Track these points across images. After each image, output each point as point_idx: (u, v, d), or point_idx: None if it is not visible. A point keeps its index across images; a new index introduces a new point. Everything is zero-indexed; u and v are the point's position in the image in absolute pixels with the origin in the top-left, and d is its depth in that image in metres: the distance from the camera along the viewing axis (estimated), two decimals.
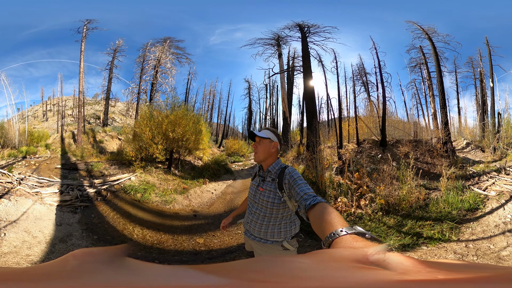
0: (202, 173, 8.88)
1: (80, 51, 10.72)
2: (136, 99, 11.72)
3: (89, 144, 10.38)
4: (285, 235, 1.98)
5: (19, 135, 9.21)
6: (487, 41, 9.33)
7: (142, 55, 11.81)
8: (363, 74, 11.19)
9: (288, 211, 1.94)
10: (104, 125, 11.95)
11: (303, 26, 10.37)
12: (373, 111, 10.80)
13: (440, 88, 9.39)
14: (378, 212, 5.03)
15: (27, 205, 4.97)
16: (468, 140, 9.62)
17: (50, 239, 4.18)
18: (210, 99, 14.51)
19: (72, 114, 12.27)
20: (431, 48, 9.63)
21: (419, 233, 4.26)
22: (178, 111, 8.47)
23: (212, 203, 7.04)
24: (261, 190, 1.97)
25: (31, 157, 8.56)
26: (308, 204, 1.28)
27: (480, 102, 9.95)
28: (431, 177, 6.88)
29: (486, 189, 5.61)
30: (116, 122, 12.60)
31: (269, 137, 1.96)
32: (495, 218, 4.49)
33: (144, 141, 7.91)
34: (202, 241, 4.73)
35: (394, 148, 9.01)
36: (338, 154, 9.30)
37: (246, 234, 2.13)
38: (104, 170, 7.64)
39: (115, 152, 9.52)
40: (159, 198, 6.42)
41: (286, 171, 1.82)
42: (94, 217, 5.20)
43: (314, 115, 9.95)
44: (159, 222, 5.40)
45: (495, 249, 3.72)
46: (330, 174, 6.52)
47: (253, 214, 2.03)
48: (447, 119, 9.11)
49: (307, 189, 1.55)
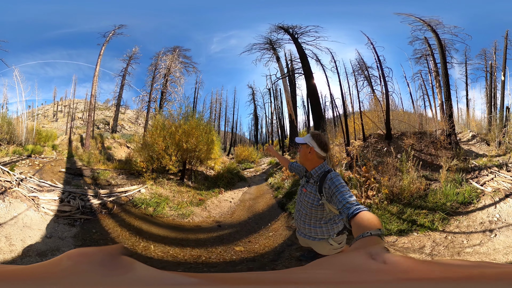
0: (216, 183, 8.61)
1: (99, 55, 10.70)
2: (146, 107, 11.62)
3: (97, 149, 9.99)
4: (328, 233, 2.07)
5: (27, 133, 8.93)
6: (507, 34, 9.12)
7: (154, 63, 11.82)
8: (364, 68, 11.04)
9: (327, 212, 2.00)
10: (113, 131, 11.79)
11: (287, 28, 10.26)
12: (378, 105, 10.66)
13: (444, 80, 9.19)
14: (384, 201, 5.33)
15: (20, 209, 4.41)
16: (474, 132, 9.44)
17: (27, 251, 3.57)
18: (217, 107, 14.57)
19: (82, 117, 12.10)
20: (435, 40, 9.44)
21: (414, 220, 4.52)
22: (192, 121, 8.12)
23: (233, 211, 6.79)
24: (304, 191, 2.08)
25: (36, 156, 8.16)
26: (351, 213, 1.35)
27: (489, 95, 9.80)
28: (434, 168, 6.93)
29: (484, 184, 5.51)
30: (125, 130, 12.46)
31: (306, 142, 2.02)
32: (483, 215, 4.48)
33: (156, 151, 7.44)
34: (242, 248, 4.46)
35: (399, 140, 8.98)
36: (346, 151, 9.44)
37: (298, 232, 2.30)
38: (111, 179, 7.05)
39: (123, 161, 9.11)
40: (174, 211, 5.82)
41: (328, 176, 1.85)
42: (95, 232, 4.53)
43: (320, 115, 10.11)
44: (181, 237, 4.82)
45: (465, 245, 3.82)
46: (340, 170, 6.94)
47: (299, 212, 2.17)
48: (451, 111, 8.90)
49: (349, 197, 1.58)
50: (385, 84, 10.23)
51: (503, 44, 9.21)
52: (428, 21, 9.40)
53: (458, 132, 9.47)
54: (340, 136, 10.70)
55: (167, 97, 11.67)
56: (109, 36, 10.49)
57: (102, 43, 10.46)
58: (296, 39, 10.35)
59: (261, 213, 6.44)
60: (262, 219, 6.01)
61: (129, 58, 11.67)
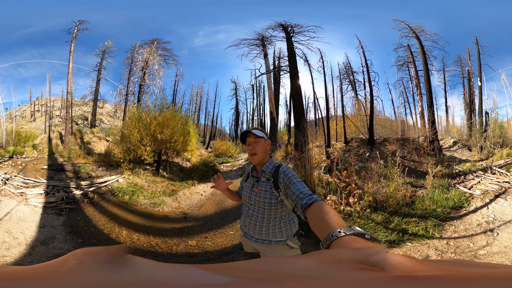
0: (190, 175, 8.89)
1: (70, 52, 10.71)
2: (124, 100, 11.74)
3: (77, 145, 10.31)
4: (287, 233, 1.95)
5: (7, 135, 9.15)
6: (476, 40, 9.42)
7: (130, 56, 11.85)
8: (350, 73, 11.27)
9: (286, 210, 1.92)
10: (92, 126, 11.90)
11: (286, 26, 10.44)
12: (360, 110, 10.82)
13: (427, 87, 9.41)
14: (366, 209, 5.12)
15: (11, 205, 4.95)
16: (455, 138, 9.67)
17: (30, 241, 4.17)
18: (197, 100, 14.58)
19: (60, 115, 12.20)
20: (419, 46, 9.67)
21: (404, 230, 4.34)
22: (167, 112, 8.49)
23: (202, 204, 7.02)
24: (256, 191, 1.93)
25: (18, 157, 8.50)
26: (305, 203, 1.29)
27: (468, 101, 10.00)
28: (418, 175, 6.95)
29: (472, 187, 5.67)
30: (104, 124, 12.55)
31: (263, 136, 1.93)
32: (478, 217, 4.57)
33: (132, 142, 7.91)
34: (194, 243, 4.73)
35: (381, 146, 9.09)
36: (326, 153, 9.33)
37: (246, 237, 2.06)
38: (92, 172, 7.61)
39: (103, 154, 9.48)
40: (147, 200, 6.40)
41: (281, 169, 1.81)
42: (79, 219, 5.20)
43: (302, 114, 9.97)
44: (149, 225, 5.38)
45: (474, 248, 3.79)
46: (318, 173, 6.59)
47: (250, 217, 1.98)
48: (434, 118, 9.13)
49: (302, 187, 1.55)
50: (371, 88, 10.32)
51: (475, 49, 9.41)
52: (414, 28, 9.61)
53: (440, 139, 9.50)
54: (320, 137, 10.72)
55: (145, 89, 11.80)
56: (74, 33, 10.50)
57: (70, 40, 10.53)
58: (290, 38, 10.42)
59: (229, 210, 6.52)
60: (229, 216, 6.14)
61: (103, 53, 11.69)
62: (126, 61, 11.86)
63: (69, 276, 0.36)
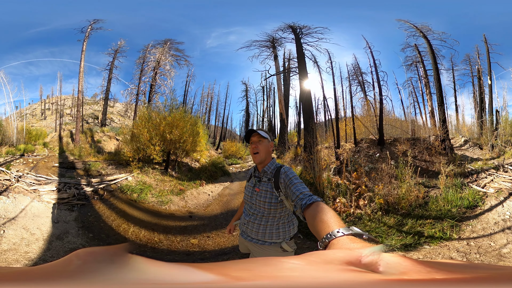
0: (199, 175, 8.94)
1: (81, 50, 10.81)
2: (135, 100, 11.78)
3: (87, 143, 10.44)
4: (284, 236, 1.96)
5: (17, 133, 9.25)
6: (485, 38, 9.29)
7: (142, 56, 11.86)
8: (358, 74, 11.18)
9: (285, 211, 1.93)
10: (102, 125, 11.98)
11: (295, 27, 10.47)
12: (370, 111, 10.77)
13: (437, 86, 9.36)
14: (377, 211, 4.98)
15: (25, 202, 5.04)
16: (466, 137, 9.61)
17: (47, 236, 4.26)
18: (208, 101, 14.56)
19: (70, 114, 12.31)
20: (427, 46, 9.60)
21: (420, 232, 4.21)
22: (176, 113, 8.56)
23: (208, 204, 7.09)
24: (257, 190, 1.97)
25: (29, 155, 8.62)
26: (304, 203, 1.28)
27: (478, 99, 9.87)
28: (430, 175, 6.83)
29: (485, 186, 5.60)
30: (114, 123, 12.63)
31: (268, 137, 1.98)
32: (494, 216, 4.49)
33: (142, 142, 7.99)
34: (196, 242, 4.80)
35: (392, 146, 9.00)
36: (335, 154, 9.21)
37: (243, 235, 2.10)
38: (102, 170, 7.71)
39: (113, 152, 9.57)
40: (155, 198, 6.50)
41: (282, 170, 1.84)
42: (90, 215, 5.28)
43: (311, 116, 9.94)
44: (155, 222, 5.49)
45: (496, 247, 3.73)
46: (328, 175, 6.46)
47: (250, 216, 2.02)
48: (445, 117, 9.07)
49: (302, 188, 1.57)
50: (380, 88, 10.27)
51: (484, 48, 9.28)
52: (420, 27, 9.52)
53: (451, 137, 9.37)
54: (330, 139, 10.69)
55: (156, 89, 11.80)
56: (87, 32, 10.61)
57: (82, 39, 10.64)
58: (299, 39, 10.46)
59: (234, 211, 6.47)
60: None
61: (115, 52, 11.73)
62: (138, 61, 11.89)
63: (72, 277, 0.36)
